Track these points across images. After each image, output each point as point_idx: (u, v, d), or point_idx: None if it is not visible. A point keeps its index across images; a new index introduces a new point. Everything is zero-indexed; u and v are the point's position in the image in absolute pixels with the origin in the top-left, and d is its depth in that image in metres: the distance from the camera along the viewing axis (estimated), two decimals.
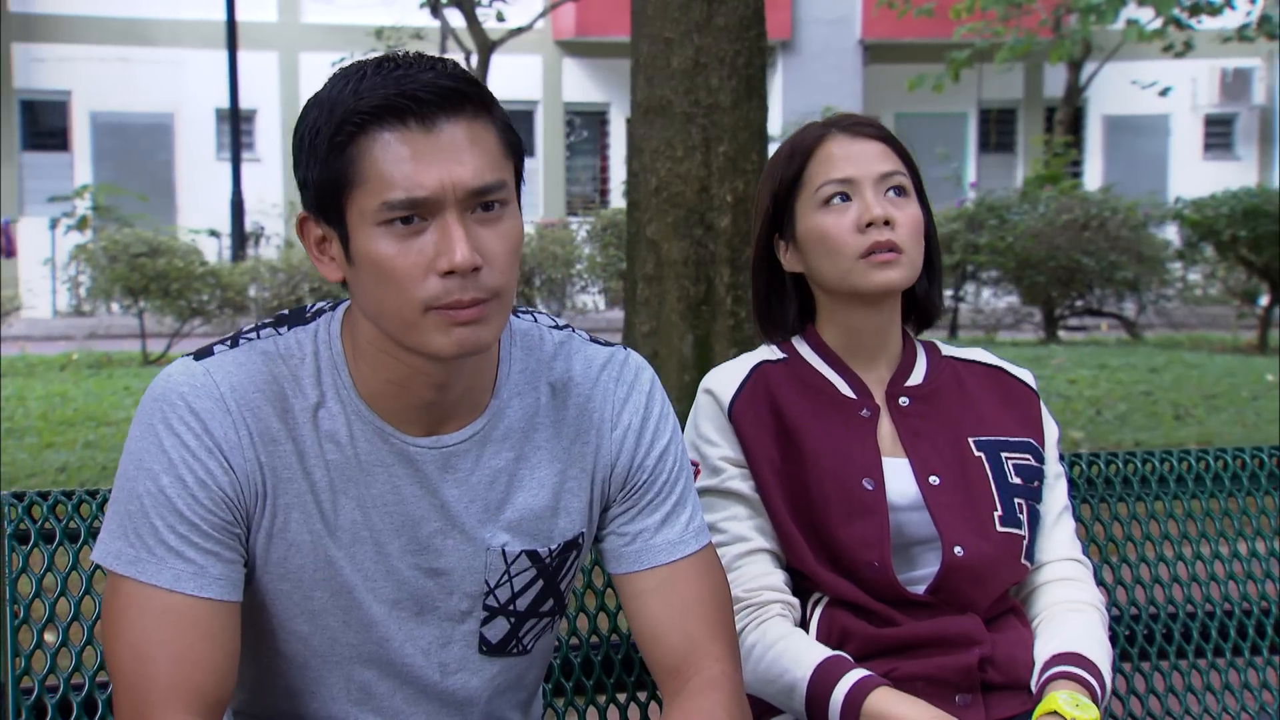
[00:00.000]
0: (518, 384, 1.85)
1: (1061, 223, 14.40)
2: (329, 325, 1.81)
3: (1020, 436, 2.22)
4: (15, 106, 20.89)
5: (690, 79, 6.47)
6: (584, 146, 23.21)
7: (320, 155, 1.67)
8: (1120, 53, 19.19)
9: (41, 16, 20.87)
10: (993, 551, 2.12)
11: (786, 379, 2.19)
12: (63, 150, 21.10)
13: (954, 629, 2.09)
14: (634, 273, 6.38)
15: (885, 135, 2.19)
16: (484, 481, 1.82)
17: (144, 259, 12.48)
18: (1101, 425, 8.93)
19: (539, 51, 22.14)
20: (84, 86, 20.96)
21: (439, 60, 1.70)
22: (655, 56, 6.56)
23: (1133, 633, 2.57)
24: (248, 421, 1.73)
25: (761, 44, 6.65)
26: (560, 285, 15.11)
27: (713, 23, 6.47)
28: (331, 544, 1.78)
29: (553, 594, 1.91)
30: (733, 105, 6.50)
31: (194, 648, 1.69)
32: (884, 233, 2.11)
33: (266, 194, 20.64)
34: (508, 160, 1.72)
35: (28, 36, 20.79)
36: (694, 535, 1.92)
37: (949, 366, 2.26)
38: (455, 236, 1.64)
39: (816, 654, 2.04)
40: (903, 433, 2.17)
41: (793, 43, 22.63)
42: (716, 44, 6.47)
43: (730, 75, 6.49)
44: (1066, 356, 12.54)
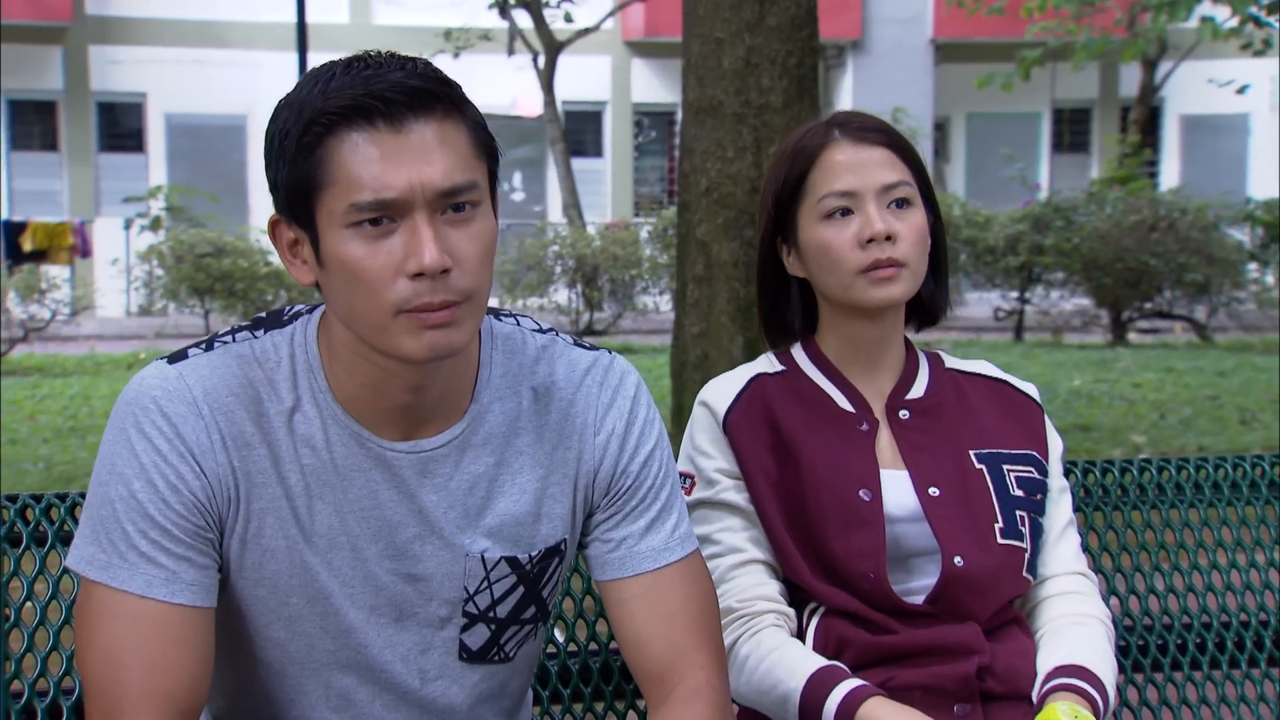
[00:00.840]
0: (499, 388, 1.83)
1: (1129, 224, 14.21)
2: (305, 328, 1.79)
3: (1023, 449, 2.19)
4: (92, 108, 21.20)
5: (741, 79, 6.43)
6: (652, 147, 23.19)
7: (289, 156, 1.65)
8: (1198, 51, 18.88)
9: (118, 19, 21.16)
10: (993, 563, 2.09)
11: (784, 392, 2.17)
12: (138, 152, 21.38)
13: (952, 638, 2.06)
14: (684, 274, 6.35)
15: (891, 140, 2.14)
16: (463, 487, 1.80)
17: (209, 259, 12.62)
18: (1165, 429, 8.79)
19: (608, 52, 22.16)
20: (159, 88, 21.22)
21: (410, 60, 1.68)
22: (706, 57, 6.53)
23: (1144, 643, 2.53)
24: (220, 425, 1.72)
25: (814, 44, 6.59)
26: (621, 287, 15.10)
27: (764, 23, 6.42)
28: (307, 549, 1.76)
29: (534, 601, 1.88)
30: (784, 106, 6.45)
31: (166, 654, 1.67)
32: (885, 249, 2.08)
33: None
34: (480, 161, 1.70)
35: (104, 39, 21.09)
36: (679, 542, 1.89)
37: (951, 379, 2.23)
38: (424, 238, 1.62)
39: (810, 664, 2.02)
40: (902, 446, 2.14)
41: (863, 42, 22.50)
42: (768, 44, 6.42)
43: (782, 75, 6.44)
44: (1133, 359, 12.37)
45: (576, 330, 14.62)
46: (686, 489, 2.13)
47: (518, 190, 23.13)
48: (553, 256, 14.42)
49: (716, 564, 2.10)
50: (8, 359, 13.13)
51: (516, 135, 22.64)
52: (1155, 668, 2.52)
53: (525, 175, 23.13)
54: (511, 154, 22.98)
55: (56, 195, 20.81)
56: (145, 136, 21.48)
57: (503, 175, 22.94)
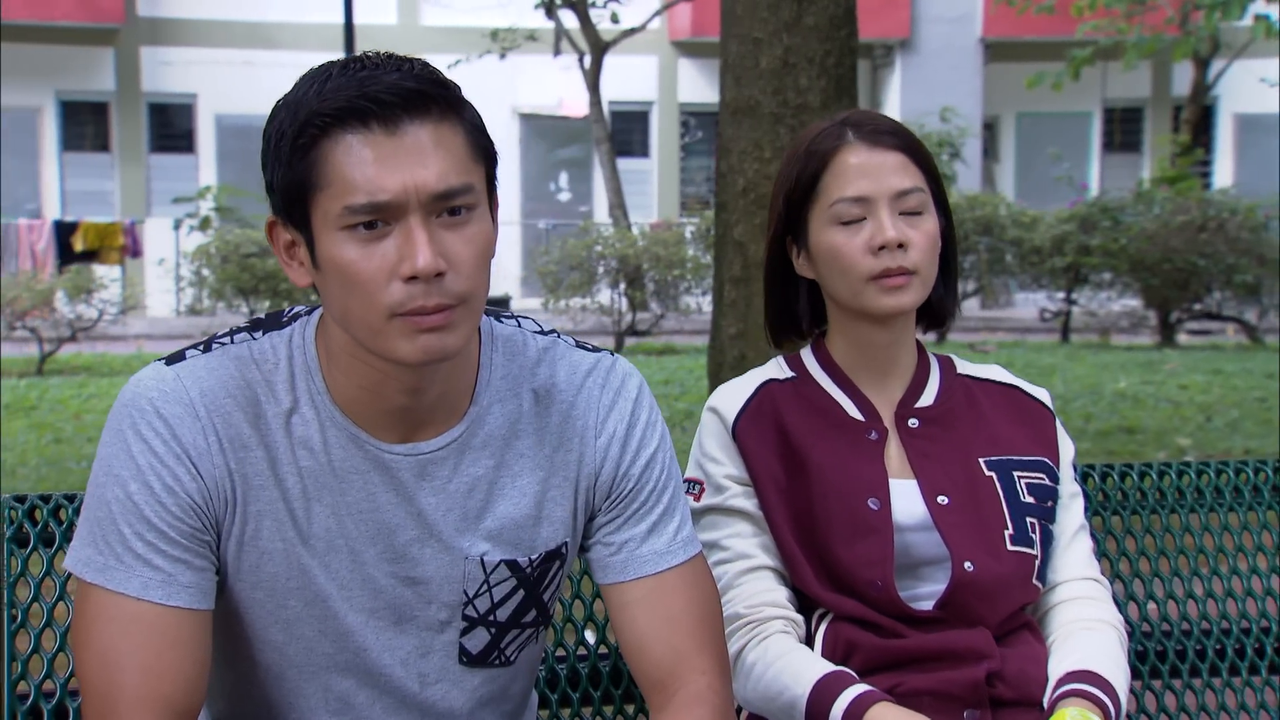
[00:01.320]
0: (499, 390, 1.82)
1: (1177, 224, 14.08)
2: (304, 330, 1.79)
3: (1034, 455, 2.17)
4: (143, 109, 21.37)
5: (779, 79, 6.40)
6: (698, 147, 23.15)
7: (284, 158, 1.65)
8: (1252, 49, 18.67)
9: (169, 20, 21.33)
10: (1003, 570, 2.08)
11: (793, 399, 2.16)
12: (188, 152, 21.54)
13: (962, 643, 2.04)
14: (721, 275, 6.34)
15: (905, 143, 2.12)
16: (462, 489, 1.79)
17: (254, 259, 12.68)
18: (1211, 432, 8.70)
19: (655, 52, 22.15)
20: (210, 89, 21.37)
21: (406, 61, 1.67)
22: (743, 56, 6.50)
23: (1162, 649, 2.51)
24: (217, 427, 1.72)
25: (852, 43, 6.55)
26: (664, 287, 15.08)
27: (802, 22, 6.39)
28: (305, 552, 1.76)
29: (535, 604, 1.88)
30: (822, 105, 6.40)
31: (162, 656, 1.67)
32: (896, 257, 2.07)
33: None
34: (477, 164, 1.69)
35: (155, 40, 21.26)
36: (681, 545, 1.88)
37: (962, 385, 2.22)
38: (418, 241, 1.61)
39: (816, 670, 2.00)
40: (911, 454, 2.13)
41: (912, 41, 22.40)
42: (806, 44, 6.39)
43: (820, 75, 6.41)
44: (1180, 361, 12.25)
45: (619, 331, 14.60)
46: (695, 495, 2.12)
47: (564, 190, 23.16)
48: (595, 257, 14.40)
49: (724, 570, 2.09)
50: (55, 358, 13.28)
51: (562, 135, 22.68)
52: (1174, 674, 2.51)
53: (571, 175, 23.16)
54: (557, 154, 23.02)
55: (108, 196, 21.00)
56: (195, 137, 21.63)
57: (549, 175, 23.13)
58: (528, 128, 22.71)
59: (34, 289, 12.90)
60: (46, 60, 20.55)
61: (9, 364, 12.83)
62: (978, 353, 13.66)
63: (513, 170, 22.58)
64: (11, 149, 20.88)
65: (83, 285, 12.95)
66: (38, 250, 17.81)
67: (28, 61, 20.42)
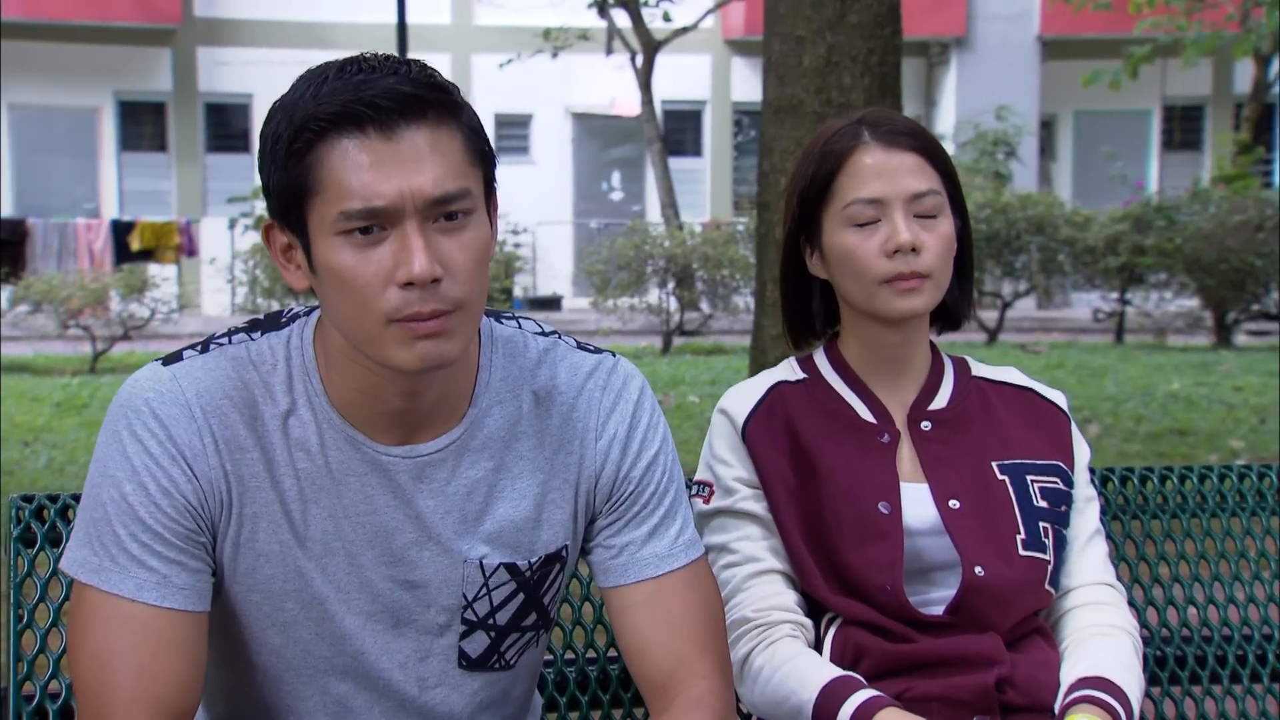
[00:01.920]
0: (498, 392, 1.81)
1: (1234, 224, 13.89)
2: (302, 331, 1.78)
3: (1048, 459, 2.15)
4: (200, 109, 21.56)
5: (822, 78, 6.36)
6: (751, 146, 23.08)
7: (280, 162, 1.63)
8: None
9: (225, 21, 21.51)
10: (1015, 575, 2.05)
11: (804, 401, 2.14)
12: (244, 152, 21.69)
13: (972, 648, 2.02)
14: (763, 275, 6.32)
15: (922, 145, 2.09)
16: (461, 492, 1.78)
17: None
18: (1264, 434, 8.57)
19: (708, 51, 22.12)
20: (265, 89, 21.45)
21: (405, 63, 1.65)
22: (786, 55, 6.47)
23: (1162, 655, 2.48)
24: (213, 428, 1.71)
25: (896, 42, 6.51)
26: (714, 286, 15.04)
27: (845, 20, 6.35)
28: (301, 554, 1.75)
29: (535, 608, 1.86)
30: (865, 104, 6.36)
31: (156, 658, 1.67)
32: (910, 261, 2.04)
33: None
34: (474, 168, 1.67)
35: (212, 40, 21.45)
36: (683, 549, 1.87)
37: (976, 387, 2.19)
38: (414, 247, 1.60)
39: (824, 674, 1.98)
40: (923, 458, 2.11)
41: (968, 39, 22.27)
42: (849, 42, 6.35)
43: (863, 74, 6.37)
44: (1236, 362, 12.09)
45: (668, 330, 14.57)
46: (705, 497, 2.11)
47: (616, 190, 23.17)
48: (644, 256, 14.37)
49: (733, 573, 2.07)
50: (108, 356, 13.40)
51: (615, 134, 22.69)
52: (1193, 680, 2.47)
53: (624, 175, 23.16)
54: (610, 153, 23.03)
55: (165, 195, 21.20)
56: (251, 137, 21.78)
57: (601, 174, 23.13)
58: (580, 127, 22.73)
59: (87, 287, 13.04)
60: (105, 61, 20.77)
61: (62, 362, 12.97)
62: (1028, 353, 13.55)
63: (565, 169, 22.62)
64: (71, 149, 21.15)
65: (135, 284, 13.06)
66: (95, 249, 18.02)
67: (86, 62, 20.67)
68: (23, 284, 13.39)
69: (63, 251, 18.14)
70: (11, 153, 21.32)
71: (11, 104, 21.17)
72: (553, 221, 21.91)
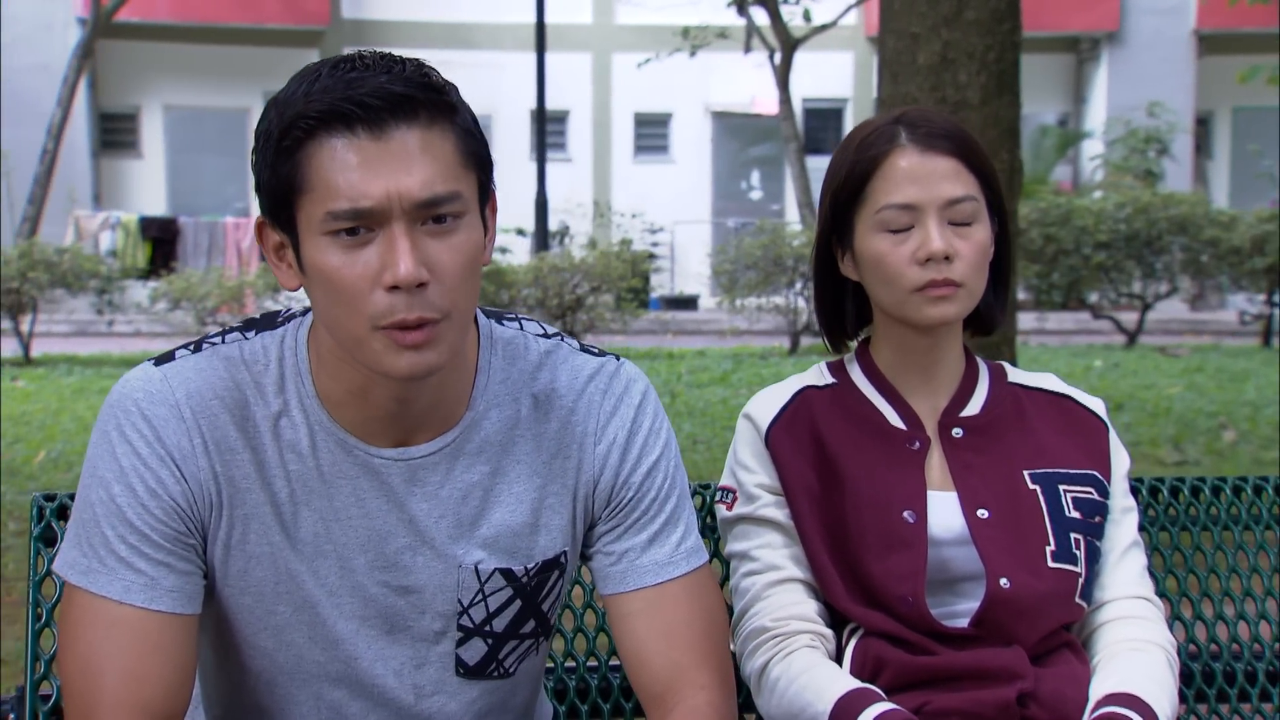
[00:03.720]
0: (497, 394, 1.78)
1: None
2: (296, 331, 1.76)
3: (1083, 469, 2.08)
4: None
5: (937, 75, 6.27)
6: None
7: (269, 159, 1.62)
8: None
9: (371, 22, 21.86)
10: (1042, 588, 1.99)
11: (831, 406, 2.09)
12: None
13: (994, 662, 1.96)
14: None
15: (960, 148, 2.02)
16: (456, 496, 1.76)
17: None
18: None
19: (850, 48, 21.92)
20: None
21: (398, 62, 1.62)
22: (901, 52, 6.38)
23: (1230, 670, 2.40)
24: (203, 429, 1.70)
25: (1015, 38, 6.38)
26: None
27: (962, 16, 6.24)
28: (293, 557, 1.73)
29: (534, 615, 1.83)
30: (981, 102, 6.25)
31: (142, 661, 1.66)
32: (943, 269, 1.99)
33: (576, 194, 21.07)
34: (467, 170, 1.64)
35: (358, 41, 21.76)
36: (685, 557, 1.83)
37: (1011, 394, 2.13)
38: (400, 250, 1.58)
39: (840, 686, 1.93)
40: (953, 465, 2.05)
41: (1120, 34, 21.79)
42: (966, 39, 6.24)
43: (980, 71, 6.26)
44: None
45: (795, 330, 14.45)
46: (728, 503, 2.07)
47: (755, 189, 23.07)
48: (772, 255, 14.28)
49: (753, 581, 2.03)
50: None
51: (755, 133, 22.59)
52: (1242, 698, 2.40)
53: (763, 174, 23.06)
54: (749, 152, 22.94)
55: None
56: None
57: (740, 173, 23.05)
58: (720, 126, 22.68)
59: (224, 285, 13.31)
60: (255, 62, 21.23)
61: None
62: (1167, 356, 13.19)
63: (704, 168, 22.59)
64: (222, 149, 21.66)
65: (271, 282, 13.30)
66: (243, 248, 18.43)
67: (237, 63, 21.15)
68: (164, 281, 13.72)
69: (211, 249, 18.59)
70: (167, 153, 21.91)
71: (167, 105, 21.78)
72: (691, 220, 21.88)
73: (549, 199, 18.72)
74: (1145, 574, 2.10)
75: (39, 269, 13.06)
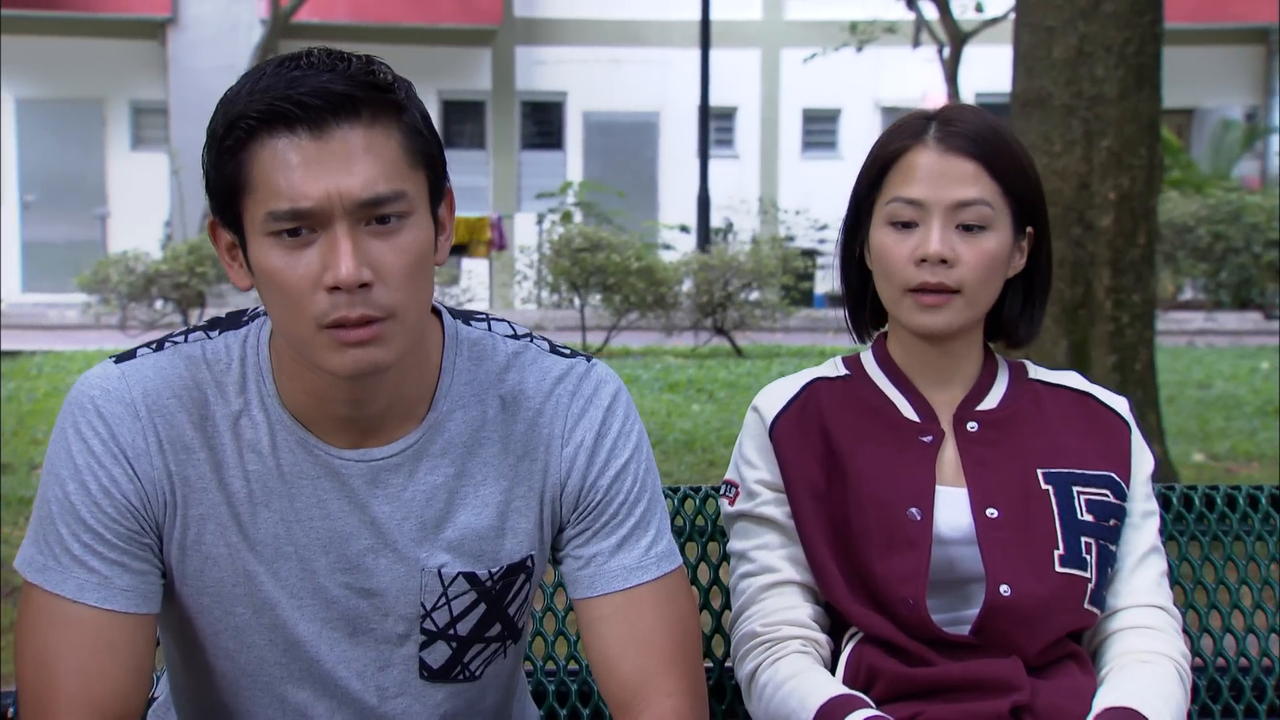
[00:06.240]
0: (461, 396, 1.76)
1: None
2: (259, 331, 1.76)
3: (1099, 470, 2.00)
4: (516, 107, 22.18)
5: (1072, 69, 6.13)
6: None
7: (214, 158, 1.62)
8: None
9: (543, 20, 22.05)
10: (1047, 594, 1.92)
11: (842, 398, 2.05)
12: (558, 149, 22.22)
13: (989, 673, 1.90)
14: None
15: (985, 151, 1.96)
16: (420, 498, 1.74)
17: (585, 254, 12.94)
18: None
19: None
20: (579, 87, 21.98)
21: (344, 60, 1.60)
22: (1035, 46, 6.26)
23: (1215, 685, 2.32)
24: (158, 428, 1.70)
25: (1156, 31, 6.19)
26: None
27: (1100, 9, 6.09)
28: (252, 558, 1.73)
29: (499, 618, 1.81)
30: (1119, 97, 6.10)
31: (95, 659, 1.67)
32: (938, 273, 1.94)
33: (742, 190, 21.01)
34: (414, 170, 1.63)
35: (530, 40, 22.03)
36: (655, 561, 1.79)
37: (1031, 390, 2.06)
38: (341, 251, 1.56)
39: (824, 693, 1.88)
40: (966, 461, 1.99)
41: None
42: (1103, 32, 6.09)
43: (1118, 65, 6.10)
44: None
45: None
46: (730, 498, 2.05)
47: None
48: None
49: (749, 584, 2.01)
50: None
51: None
52: (1249, 713, 2.31)
53: None
54: None
55: (482, 191, 21.87)
56: (564, 134, 22.30)
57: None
58: (890, 121, 22.37)
59: None
60: (429, 61, 21.55)
61: None
62: None
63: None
64: None
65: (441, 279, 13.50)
66: None
67: (413, 62, 21.39)
68: None
69: None
70: None
71: None
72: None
73: (715, 196, 18.70)
74: (1163, 582, 2.02)
75: (206, 264, 13.48)
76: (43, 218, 20.73)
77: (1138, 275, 6.14)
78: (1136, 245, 6.12)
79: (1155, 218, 6.27)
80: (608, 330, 13.58)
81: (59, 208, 20.70)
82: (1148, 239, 6.16)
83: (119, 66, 20.62)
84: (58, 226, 20.64)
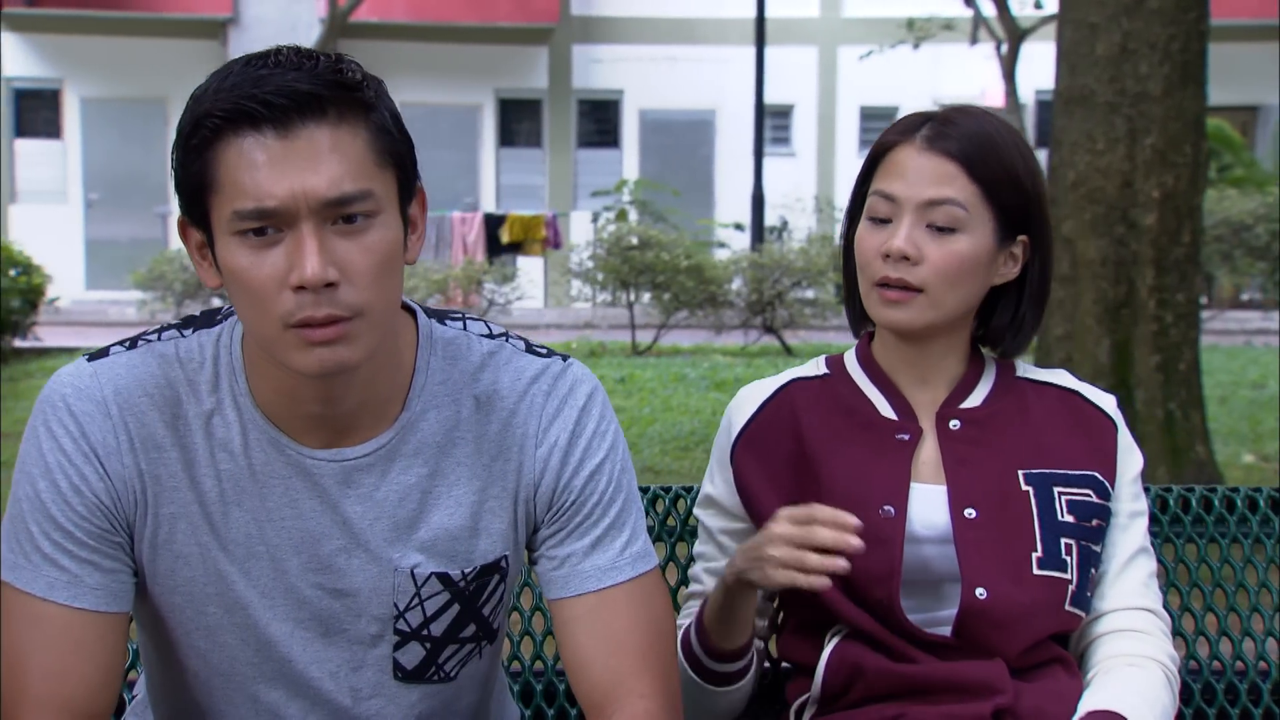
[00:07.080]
0: (435, 395, 1.76)
1: None
2: (233, 330, 1.76)
3: (1083, 470, 1.98)
4: (573, 105, 22.21)
5: (1116, 66, 6.08)
6: None
7: (181, 157, 1.62)
8: None
9: (599, 19, 22.06)
10: (1025, 597, 1.90)
11: (817, 398, 2.04)
12: (614, 147, 22.23)
13: (972, 675, 1.88)
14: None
15: (967, 154, 1.93)
16: (392, 499, 1.74)
17: (634, 252, 12.94)
18: None
19: None
20: (635, 85, 21.98)
21: (311, 58, 1.60)
22: (1079, 43, 6.21)
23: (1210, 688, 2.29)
24: (129, 426, 1.70)
25: (1202, 27, 6.13)
26: None
27: (1144, 5, 6.03)
28: (223, 557, 1.73)
29: (474, 619, 1.80)
30: (1163, 94, 6.05)
31: (65, 658, 1.67)
32: (900, 269, 1.93)
33: (799, 188, 20.94)
34: (382, 169, 1.63)
35: (587, 38, 22.04)
36: (629, 562, 1.78)
37: (1017, 389, 2.04)
38: (306, 250, 1.57)
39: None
40: (947, 459, 1.97)
41: None
42: (1148, 28, 6.04)
43: (1162, 61, 6.04)
44: None
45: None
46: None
47: None
48: None
49: (688, 596, 2.07)
50: None
51: None
52: (1244, 717, 2.27)
53: None
54: None
55: (538, 189, 21.93)
56: (620, 132, 22.30)
57: None
58: None
59: (429, 279, 13.63)
60: (486, 60, 21.65)
61: None
62: None
63: None
64: (453, 144, 22.13)
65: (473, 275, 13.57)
66: (468, 241, 18.81)
67: (469, 61, 21.58)
68: None
69: (439, 243, 19.01)
70: None
71: (402, 103, 22.23)
72: None
73: (771, 194, 18.66)
74: (1151, 583, 1.99)
75: None
76: (105, 216, 20.98)
77: (1182, 274, 6.08)
78: (1181, 244, 6.05)
79: (1200, 216, 6.20)
80: (657, 328, 13.58)
81: (121, 206, 20.93)
82: (1192, 237, 6.09)
83: (181, 66, 20.78)
84: (120, 225, 20.88)
